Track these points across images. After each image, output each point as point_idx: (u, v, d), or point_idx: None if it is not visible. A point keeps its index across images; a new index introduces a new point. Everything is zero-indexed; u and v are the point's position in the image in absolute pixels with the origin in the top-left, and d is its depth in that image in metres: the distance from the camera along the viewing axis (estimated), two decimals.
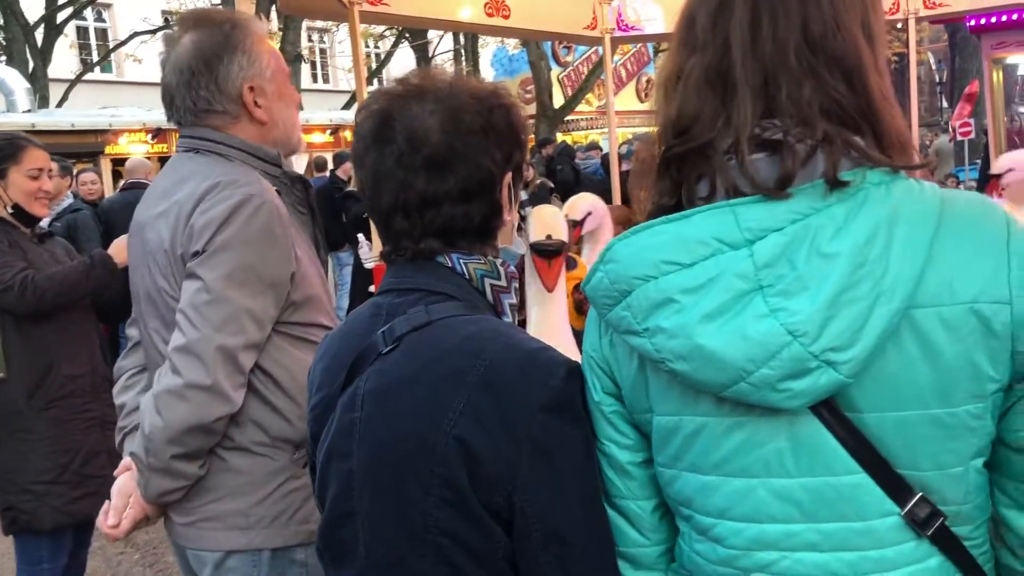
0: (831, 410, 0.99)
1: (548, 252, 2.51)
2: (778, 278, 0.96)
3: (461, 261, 1.23)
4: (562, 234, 2.55)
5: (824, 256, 0.95)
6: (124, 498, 1.79)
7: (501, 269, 1.27)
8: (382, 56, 22.52)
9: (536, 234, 2.54)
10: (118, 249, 2.95)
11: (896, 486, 1.00)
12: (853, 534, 1.00)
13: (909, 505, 0.99)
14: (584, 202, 4.29)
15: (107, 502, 1.83)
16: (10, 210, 2.90)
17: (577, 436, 1.13)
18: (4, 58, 16.88)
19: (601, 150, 13.34)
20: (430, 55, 21.82)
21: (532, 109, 16.44)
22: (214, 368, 1.61)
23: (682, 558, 1.16)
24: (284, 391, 1.74)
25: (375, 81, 18.62)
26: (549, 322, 2.49)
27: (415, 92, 1.22)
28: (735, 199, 1.00)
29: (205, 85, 1.76)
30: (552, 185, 8.81)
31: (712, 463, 1.06)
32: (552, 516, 1.10)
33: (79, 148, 11.63)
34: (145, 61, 20.00)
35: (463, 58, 22.16)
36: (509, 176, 1.26)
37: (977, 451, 1.01)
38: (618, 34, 6.56)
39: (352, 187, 6.45)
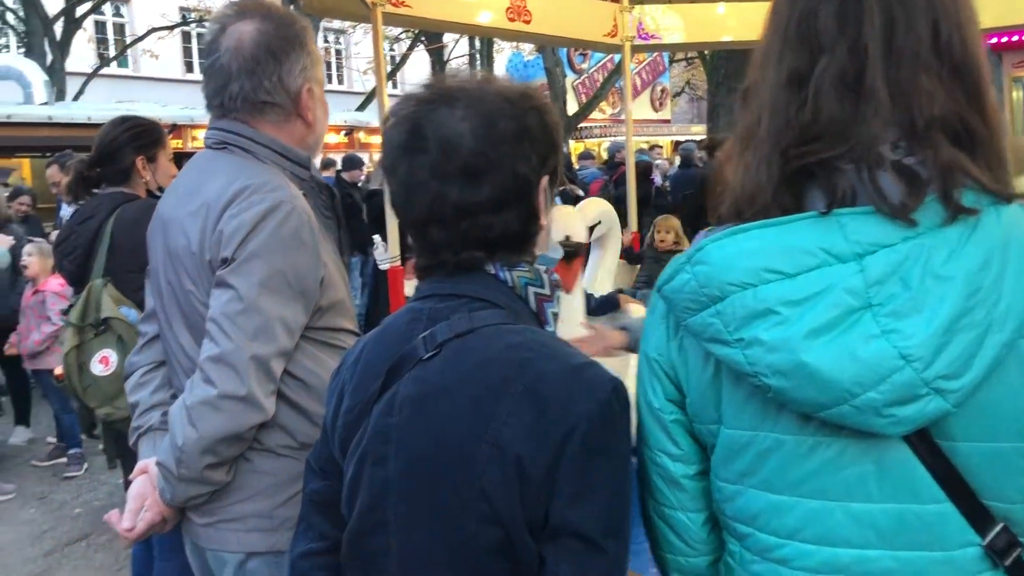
0: (922, 437, 0.96)
1: (567, 253, 2.46)
2: (890, 297, 0.92)
3: (505, 269, 1.20)
4: (581, 235, 2.50)
5: (939, 278, 0.90)
6: (140, 500, 1.76)
7: (545, 277, 1.24)
8: (397, 59, 22.54)
9: (554, 234, 2.50)
10: None
11: (980, 516, 0.97)
12: (932, 563, 0.97)
13: (990, 536, 0.97)
14: (594, 209, 4.27)
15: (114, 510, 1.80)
16: (158, 194, 2.94)
17: (618, 451, 1.10)
18: (23, 50, 16.94)
19: (593, 159, 13.23)
20: (445, 59, 21.83)
21: None
22: (248, 378, 1.59)
23: None
24: (312, 395, 1.72)
25: (391, 83, 18.62)
26: (567, 323, 2.43)
27: (444, 97, 1.18)
28: (841, 208, 0.95)
29: (269, 76, 1.73)
30: (581, 192, 8.75)
31: (787, 482, 1.02)
32: (584, 528, 1.06)
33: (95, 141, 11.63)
34: (161, 57, 20.13)
35: (478, 62, 22.16)
36: (545, 180, 1.22)
37: None
38: (638, 42, 6.54)
39: (374, 186, 6.41)
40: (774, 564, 1.05)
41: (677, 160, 11.66)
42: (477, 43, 21.89)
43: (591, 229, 3.88)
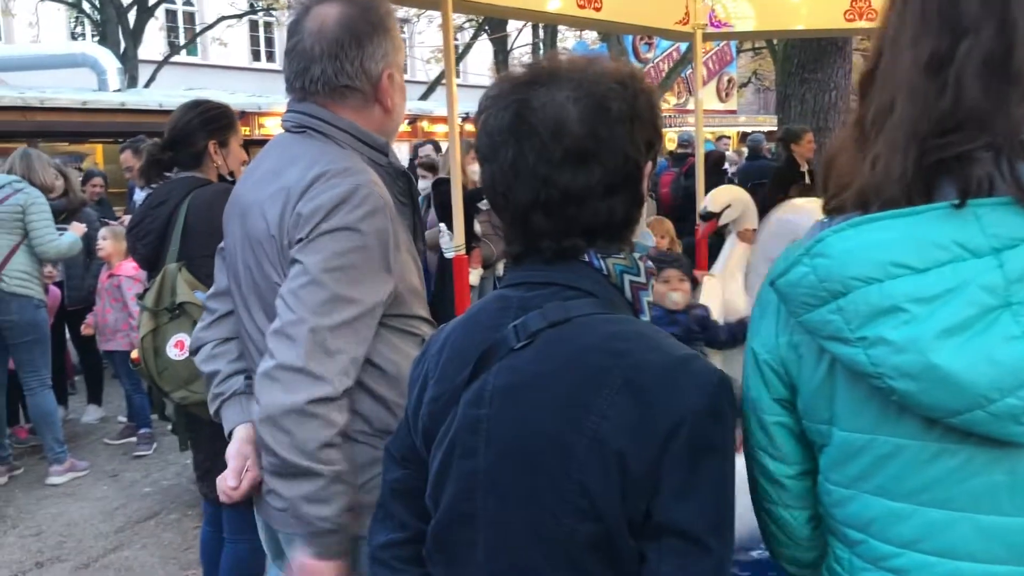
0: None
1: None
2: None
3: (599, 256, 1.16)
4: None
5: None
6: (242, 459, 1.80)
7: (640, 264, 1.19)
8: (460, 48, 22.56)
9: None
10: None
11: None
12: None
13: None
14: (723, 194, 4.15)
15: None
16: (229, 179, 2.97)
17: (724, 447, 1.05)
18: (97, 38, 17.39)
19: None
20: (508, 48, 21.78)
21: None
22: (306, 349, 1.55)
23: None
24: (387, 382, 1.70)
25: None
26: None
27: (547, 77, 1.13)
28: (977, 199, 0.88)
29: (351, 60, 1.71)
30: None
31: (906, 490, 0.96)
32: (688, 525, 1.02)
33: (165, 128, 11.85)
34: (230, 45, 20.48)
35: (541, 51, 22.06)
36: (648, 166, 1.18)
37: None
38: (710, 30, 6.41)
39: (443, 174, 6.40)
40: (888, 574, 0.99)
41: (745, 151, 11.45)
42: (541, 32, 21.80)
43: (719, 215, 3.78)
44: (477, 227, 6.50)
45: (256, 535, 2.30)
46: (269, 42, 25.05)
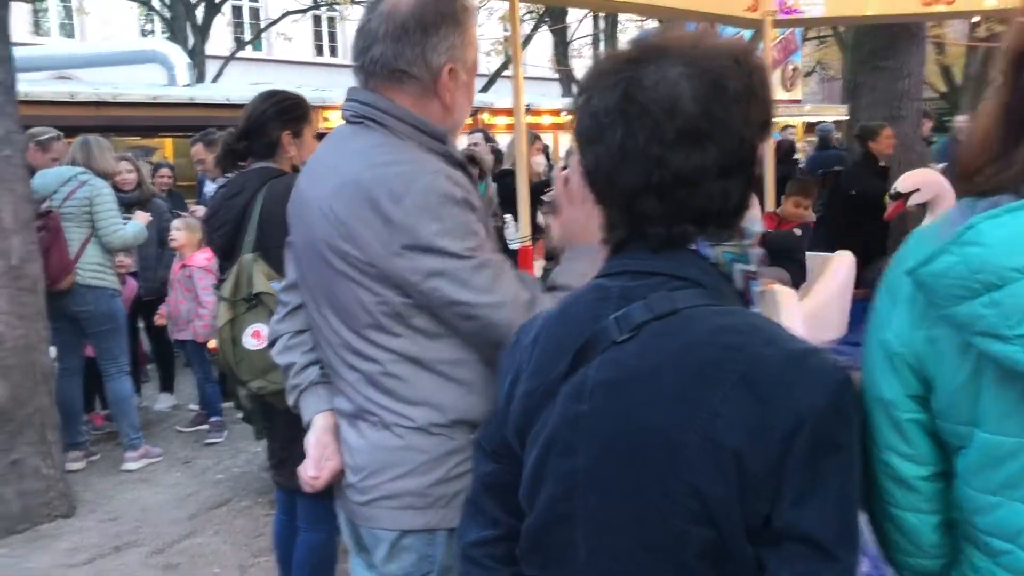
0: None
1: None
2: None
3: (707, 244, 1.10)
4: None
5: None
6: (322, 449, 1.81)
7: (751, 253, 1.13)
8: (520, 40, 22.54)
9: None
10: None
11: None
12: None
13: None
14: (915, 176, 4.04)
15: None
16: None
17: (850, 448, 0.99)
18: (167, 35, 17.77)
19: None
20: (568, 39, 21.67)
21: None
22: (515, 319, 1.56)
23: None
24: (464, 368, 1.68)
25: (510, 66, 18.59)
26: None
27: (656, 53, 1.07)
28: None
29: (413, 46, 1.68)
30: None
31: None
32: (813, 532, 0.96)
33: (233, 121, 12.04)
34: (294, 40, 20.75)
35: (602, 43, 21.89)
36: (762, 148, 1.12)
37: None
38: (780, 17, 6.26)
39: (507, 166, 6.39)
40: None
41: (815, 140, 11.20)
42: (601, 23, 21.64)
43: (906, 196, 3.75)
44: (540, 218, 6.47)
45: (330, 524, 2.30)
46: (332, 36, 25.30)
